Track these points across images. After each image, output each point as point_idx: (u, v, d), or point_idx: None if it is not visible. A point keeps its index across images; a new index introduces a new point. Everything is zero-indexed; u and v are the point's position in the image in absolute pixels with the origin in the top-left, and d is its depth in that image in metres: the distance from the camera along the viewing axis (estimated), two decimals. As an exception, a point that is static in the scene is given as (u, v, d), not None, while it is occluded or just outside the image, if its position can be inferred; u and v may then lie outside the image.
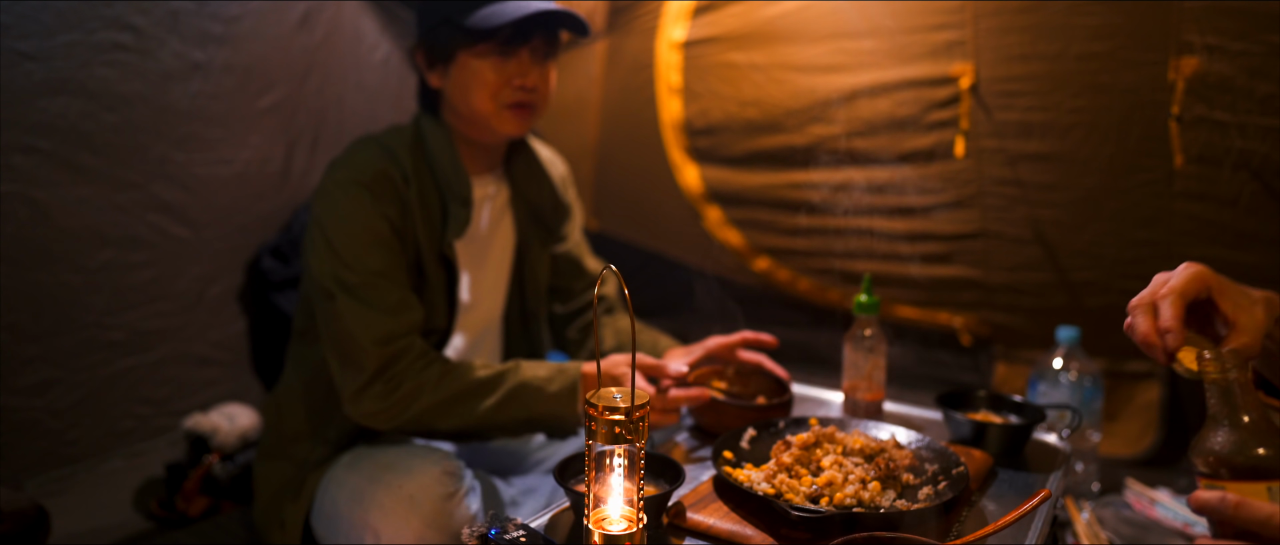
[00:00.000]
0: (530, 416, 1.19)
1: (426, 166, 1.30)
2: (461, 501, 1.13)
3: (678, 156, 2.13)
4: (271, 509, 1.28)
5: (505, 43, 1.25)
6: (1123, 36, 1.48)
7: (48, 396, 1.49)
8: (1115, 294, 1.68)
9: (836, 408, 1.29)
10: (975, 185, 1.73)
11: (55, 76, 1.44)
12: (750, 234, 2.10)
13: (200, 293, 1.72)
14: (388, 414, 1.17)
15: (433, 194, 1.29)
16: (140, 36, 1.54)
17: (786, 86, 1.88)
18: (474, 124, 1.31)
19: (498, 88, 1.27)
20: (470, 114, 1.29)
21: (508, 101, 1.28)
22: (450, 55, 1.27)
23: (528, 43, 1.27)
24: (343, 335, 1.18)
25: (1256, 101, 1.39)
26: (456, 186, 1.29)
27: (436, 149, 1.30)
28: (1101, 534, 1.41)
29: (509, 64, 1.26)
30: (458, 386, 1.18)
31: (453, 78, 1.28)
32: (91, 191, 1.51)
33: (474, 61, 1.26)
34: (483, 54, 1.25)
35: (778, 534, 0.84)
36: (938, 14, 1.65)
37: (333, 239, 1.20)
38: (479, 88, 1.26)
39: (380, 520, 1.10)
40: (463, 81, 1.27)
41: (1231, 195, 1.47)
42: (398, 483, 1.12)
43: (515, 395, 1.18)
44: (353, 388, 1.17)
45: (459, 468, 1.16)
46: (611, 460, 0.77)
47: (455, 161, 1.30)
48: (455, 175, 1.29)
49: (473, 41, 1.24)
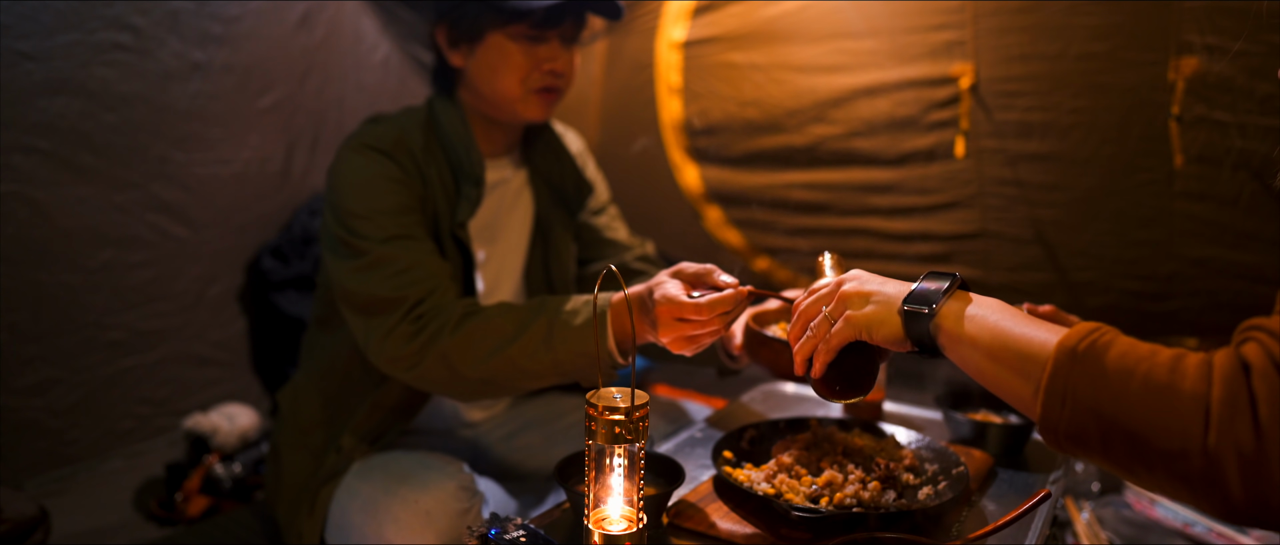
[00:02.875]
0: (556, 360, 1.05)
1: (439, 146, 1.27)
2: (477, 516, 1.13)
3: (678, 156, 2.13)
4: (299, 503, 1.24)
5: (538, 25, 1.22)
6: (1123, 36, 1.48)
7: (48, 396, 1.49)
8: (1115, 294, 1.68)
9: (836, 408, 1.29)
10: (975, 185, 1.73)
11: (55, 76, 1.44)
12: (750, 234, 2.10)
13: (200, 293, 1.72)
14: (411, 356, 1.08)
15: (446, 173, 1.27)
16: (140, 36, 1.54)
17: (786, 86, 1.88)
18: (497, 106, 1.28)
19: (527, 71, 1.24)
20: (495, 96, 1.26)
21: (536, 86, 1.25)
22: (479, 34, 1.23)
23: (559, 26, 1.24)
24: (370, 285, 1.12)
25: (1256, 101, 1.39)
26: (468, 166, 1.26)
27: (450, 129, 1.27)
28: (1101, 534, 1.41)
29: (540, 47, 1.24)
30: (475, 331, 1.08)
31: (478, 57, 1.25)
32: (91, 191, 1.51)
33: (505, 42, 1.23)
34: (515, 35, 1.22)
35: (778, 534, 0.84)
36: (938, 14, 1.65)
37: (354, 199, 1.16)
38: (509, 70, 1.23)
39: (396, 534, 1.09)
40: (490, 62, 1.24)
41: (1231, 195, 1.47)
42: (413, 497, 1.11)
43: (535, 332, 1.06)
44: (380, 333, 1.10)
45: (472, 481, 1.16)
46: (611, 460, 0.77)
47: (469, 141, 1.27)
48: (468, 155, 1.26)
49: (505, 21, 1.21)
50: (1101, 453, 0.61)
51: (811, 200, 1.95)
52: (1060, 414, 0.62)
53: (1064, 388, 0.62)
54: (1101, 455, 0.61)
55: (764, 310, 1.23)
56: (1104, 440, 0.60)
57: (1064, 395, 0.62)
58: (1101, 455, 0.61)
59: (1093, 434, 0.60)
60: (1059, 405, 0.62)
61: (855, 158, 1.85)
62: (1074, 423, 0.61)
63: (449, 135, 1.27)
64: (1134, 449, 0.58)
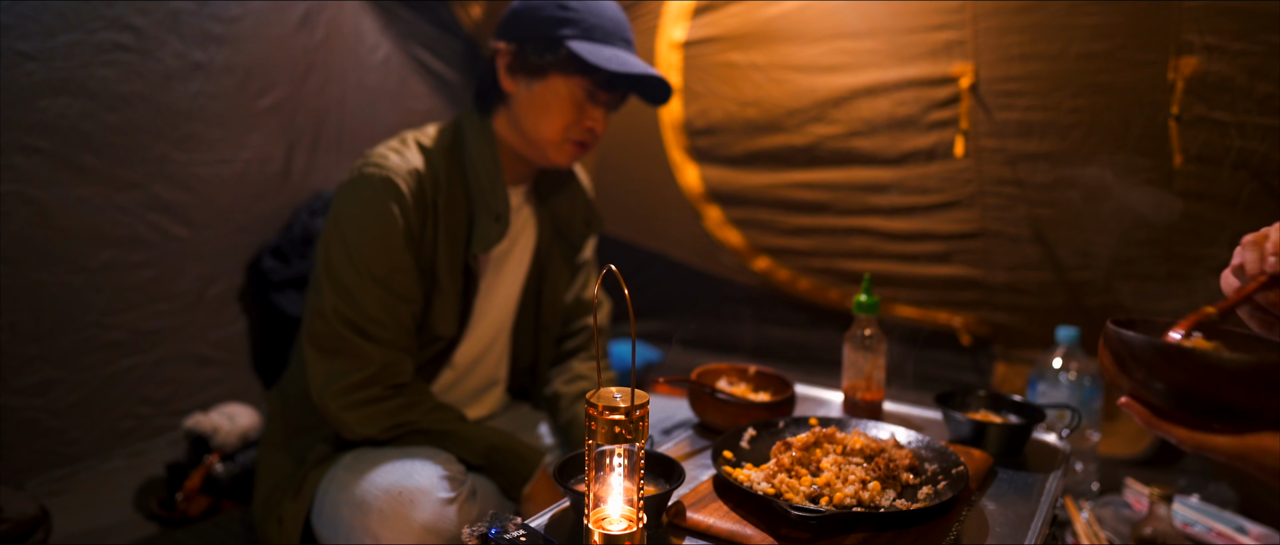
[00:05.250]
0: (483, 460, 1.25)
1: (459, 173, 1.29)
2: (463, 506, 1.13)
3: (678, 156, 2.13)
4: (270, 504, 1.28)
5: (600, 85, 1.26)
6: (1123, 36, 1.48)
7: (48, 396, 1.49)
8: (1115, 294, 1.68)
9: (836, 408, 1.30)
10: (975, 185, 1.73)
11: (55, 76, 1.44)
12: (750, 234, 2.11)
13: (200, 293, 1.72)
14: (377, 417, 1.19)
15: (461, 202, 1.29)
16: (140, 36, 1.54)
17: (786, 86, 1.88)
18: (531, 144, 1.30)
19: (572, 121, 1.27)
20: (534, 134, 1.29)
21: (573, 137, 1.29)
22: (542, 71, 1.26)
23: (612, 92, 1.28)
24: (339, 326, 1.18)
25: (1256, 101, 1.39)
26: (491, 201, 1.28)
27: (478, 159, 1.29)
28: (1101, 534, 1.41)
29: (590, 105, 1.28)
30: (447, 420, 1.24)
31: (535, 92, 1.27)
32: (91, 191, 1.51)
33: (563, 87, 1.26)
34: (575, 86, 1.25)
35: (778, 534, 0.84)
36: (938, 14, 1.65)
37: (346, 234, 1.21)
38: (557, 115, 1.26)
39: (379, 524, 1.10)
40: (543, 101, 1.26)
41: (1231, 195, 1.48)
42: (397, 486, 1.12)
43: (475, 443, 1.24)
44: (345, 381, 1.18)
45: (460, 472, 1.16)
46: (611, 460, 0.78)
47: (495, 176, 1.29)
48: (492, 189, 1.29)
49: (574, 71, 1.24)
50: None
51: (811, 200, 1.95)
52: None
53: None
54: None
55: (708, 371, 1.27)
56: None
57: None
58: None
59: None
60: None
61: (855, 157, 1.85)
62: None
63: (476, 166, 1.29)
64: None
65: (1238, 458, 0.65)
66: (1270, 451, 0.63)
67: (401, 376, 1.22)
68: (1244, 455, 0.65)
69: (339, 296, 1.19)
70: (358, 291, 1.19)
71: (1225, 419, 0.66)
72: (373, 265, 1.20)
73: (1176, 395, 0.67)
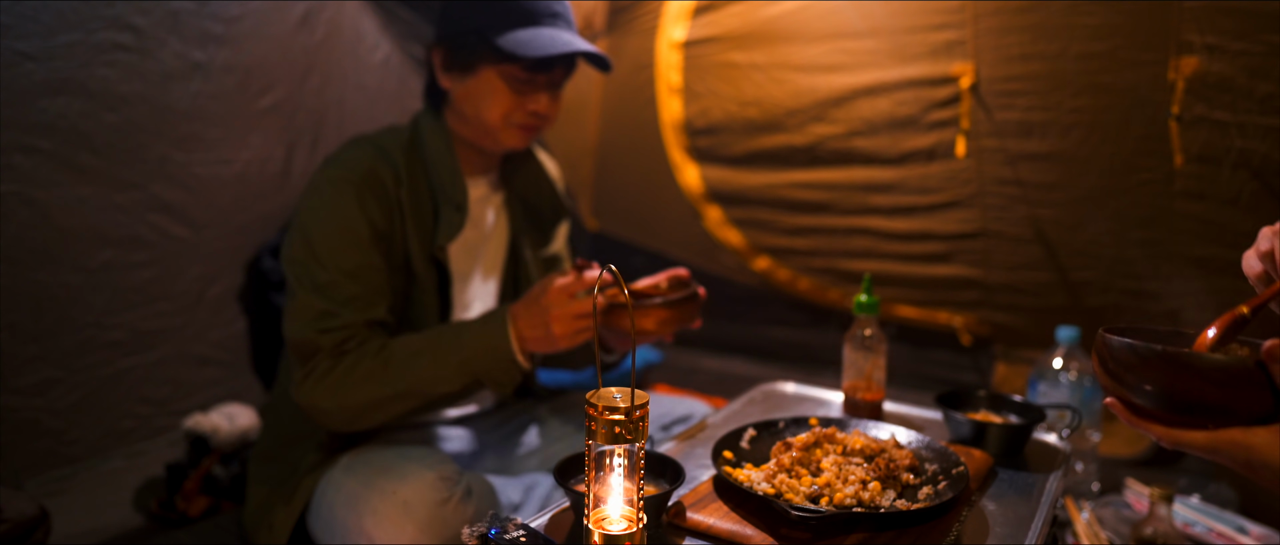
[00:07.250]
0: (463, 359, 1.17)
1: (421, 168, 1.30)
2: (457, 506, 1.13)
3: (678, 156, 2.13)
4: (261, 511, 1.28)
5: (530, 69, 1.25)
6: (1123, 36, 1.48)
7: (48, 396, 1.49)
8: (1115, 294, 1.68)
9: (836, 408, 1.29)
10: (975, 185, 1.73)
11: (55, 76, 1.44)
12: (750, 234, 2.11)
13: (200, 293, 1.72)
14: (331, 392, 1.15)
15: (425, 195, 1.29)
16: (140, 36, 1.54)
17: (786, 86, 1.88)
18: (479, 133, 1.31)
19: (511, 108, 1.28)
20: (478, 123, 1.29)
21: (517, 122, 1.29)
22: (472, 66, 1.27)
23: (550, 72, 1.28)
24: (301, 327, 1.18)
25: (1256, 101, 1.39)
26: (451, 191, 1.29)
27: (434, 152, 1.30)
28: (1101, 534, 1.41)
29: (527, 88, 1.27)
30: (394, 349, 1.18)
31: (469, 86, 1.28)
32: (91, 191, 1.51)
33: (495, 78, 1.26)
34: (506, 74, 1.26)
35: (778, 534, 0.84)
36: (938, 14, 1.65)
37: (311, 235, 1.21)
38: (494, 104, 1.27)
39: (374, 526, 1.10)
40: (478, 92, 1.27)
41: (1231, 195, 1.47)
42: (392, 488, 1.12)
43: (444, 338, 1.18)
44: (300, 375, 1.17)
45: (455, 472, 1.16)
46: (611, 460, 0.77)
47: (452, 166, 1.30)
48: (451, 180, 1.29)
49: (499, 60, 1.25)
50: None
51: (811, 200, 1.95)
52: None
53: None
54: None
55: None
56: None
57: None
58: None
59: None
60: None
61: (855, 157, 1.85)
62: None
63: (433, 159, 1.30)
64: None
65: (1210, 451, 0.69)
66: (1239, 445, 0.67)
67: (351, 342, 1.20)
68: (1216, 449, 0.68)
69: (311, 295, 1.19)
70: (328, 287, 1.19)
71: (1201, 416, 0.70)
72: (341, 261, 1.20)
73: (1154, 395, 0.72)
